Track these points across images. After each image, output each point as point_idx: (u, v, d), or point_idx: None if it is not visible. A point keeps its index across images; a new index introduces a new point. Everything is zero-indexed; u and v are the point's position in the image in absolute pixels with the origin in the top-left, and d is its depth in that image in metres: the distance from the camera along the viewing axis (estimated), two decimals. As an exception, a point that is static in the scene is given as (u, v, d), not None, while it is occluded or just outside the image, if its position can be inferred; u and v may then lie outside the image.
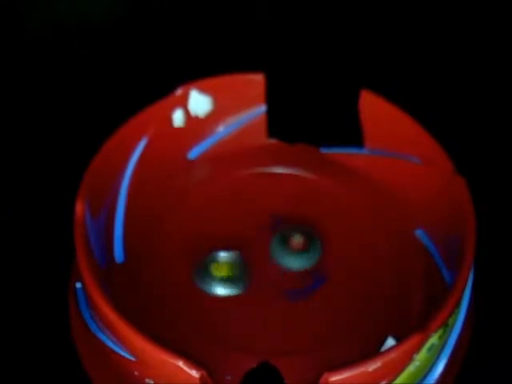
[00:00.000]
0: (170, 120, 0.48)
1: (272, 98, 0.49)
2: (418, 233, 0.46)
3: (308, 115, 0.50)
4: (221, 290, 0.44)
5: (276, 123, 0.50)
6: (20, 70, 0.58)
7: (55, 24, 0.60)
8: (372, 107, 0.47)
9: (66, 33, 0.60)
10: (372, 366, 0.35)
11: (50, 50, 0.59)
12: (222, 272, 0.44)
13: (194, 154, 0.50)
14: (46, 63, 0.58)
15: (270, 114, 0.49)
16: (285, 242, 0.45)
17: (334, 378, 0.35)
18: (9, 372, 0.43)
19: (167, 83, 0.48)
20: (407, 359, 0.36)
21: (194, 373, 0.35)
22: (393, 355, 0.36)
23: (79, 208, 0.41)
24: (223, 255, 0.44)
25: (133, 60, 0.58)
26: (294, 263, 0.45)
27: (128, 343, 0.37)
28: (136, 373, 0.38)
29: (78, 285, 0.42)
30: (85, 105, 0.55)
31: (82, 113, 0.54)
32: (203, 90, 0.48)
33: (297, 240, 0.45)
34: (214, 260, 0.44)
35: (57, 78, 0.57)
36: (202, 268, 0.44)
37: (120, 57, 0.59)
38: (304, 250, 0.45)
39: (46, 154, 0.52)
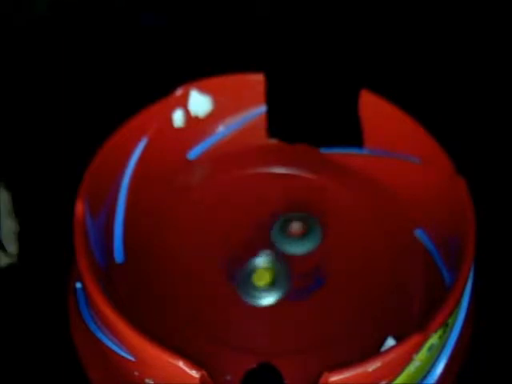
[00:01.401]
0: (170, 120, 0.48)
1: (272, 97, 0.49)
2: (418, 232, 0.46)
3: (308, 115, 0.50)
4: (266, 300, 0.44)
5: (276, 123, 0.50)
6: (20, 69, 0.58)
7: (56, 22, 0.60)
8: (372, 107, 0.47)
9: (67, 32, 0.60)
10: (372, 366, 0.35)
11: (51, 49, 0.59)
12: (263, 280, 0.44)
13: (193, 154, 0.50)
14: (46, 63, 0.58)
15: (270, 114, 0.49)
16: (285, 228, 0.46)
17: (334, 378, 0.35)
18: (9, 372, 0.43)
19: (167, 83, 0.48)
20: (407, 359, 0.36)
21: (194, 373, 0.35)
22: (393, 355, 0.36)
23: (79, 208, 0.41)
24: (263, 260, 0.45)
25: (133, 60, 0.58)
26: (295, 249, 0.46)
27: (128, 343, 0.37)
28: (136, 373, 0.38)
29: (78, 285, 0.42)
30: (85, 105, 0.55)
31: (82, 113, 0.55)
32: (203, 90, 0.48)
33: (296, 226, 0.46)
34: (255, 268, 0.45)
35: (57, 77, 0.57)
36: (244, 279, 0.44)
37: (121, 57, 0.59)
38: (303, 235, 0.46)
39: (47, 154, 0.52)
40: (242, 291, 0.44)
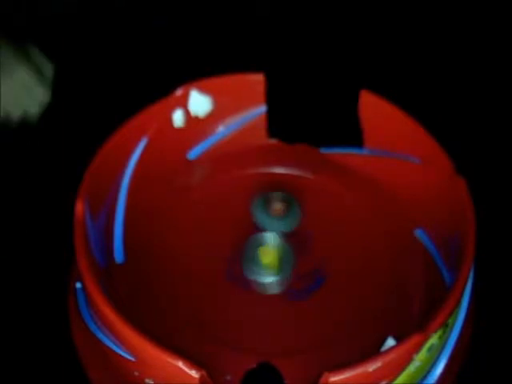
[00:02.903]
0: (170, 120, 0.48)
1: (272, 98, 0.49)
2: (418, 232, 0.46)
3: (308, 115, 0.50)
4: (267, 278, 0.44)
5: (276, 123, 0.50)
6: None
7: (57, 22, 0.60)
8: (372, 107, 0.47)
9: (67, 33, 0.60)
10: (372, 366, 0.35)
11: (51, 49, 0.59)
12: (268, 258, 0.44)
13: (193, 154, 0.50)
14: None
15: (270, 114, 0.49)
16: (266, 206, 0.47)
17: (334, 378, 0.35)
18: (9, 372, 0.43)
19: (167, 83, 0.48)
20: (407, 359, 0.36)
21: (194, 373, 0.35)
22: (393, 355, 0.36)
23: (79, 208, 0.41)
24: (269, 237, 0.45)
25: (133, 60, 0.58)
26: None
27: (128, 343, 0.37)
28: (136, 373, 0.38)
29: (78, 285, 0.42)
30: (85, 105, 0.55)
31: (82, 113, 0.54)
32: (203, 90, 0.48)
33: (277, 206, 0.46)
34: (260, 244, 0.45)
35: (57, 77, 0.57)
36: (249, 255, 0.45)
37: (121, 57, 0.59)
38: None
39: (47, 154, 0.52)
40: (247, 266, 0.44)
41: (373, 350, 0.38)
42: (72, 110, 0.55)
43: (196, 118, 0.49)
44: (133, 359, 0.37)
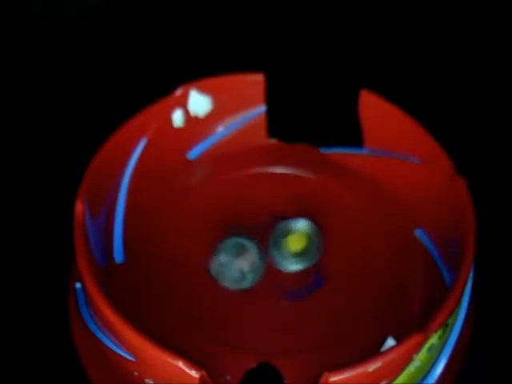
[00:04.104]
0: (170, 120, 0.48)
1: (272, 98, 0.49)
2: (418, 233, 0.46)
3: (308, 115, 0.50)
4: (296, 266, 0.44)
5: (276, 123, 0.50)
6: (20, 70, 0.58)
7: (55, 22, 0.60)
8: (372, 107, 0.47)
9: (68, 33, 0.60)
10: (372, 366, 0.35)
11: (50, 49, 0.59)
12: (297, 245, 0.45)
13: (193, 154, 0.50)
14: (46, 63, 0.58)
15: (270, 114, 0.49)
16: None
17: (334, 378, 0.35)
18: (9, 372, 0.43)
19: (167, 83, 0.48)
20: (407, 359, 0.36)
21: (194, 373, 0.35)
22: (393, 355, 0.36)
23: (79, 208, 0.41)
24: (298, 225, 0.45)
25: (133, 60, 0.58)
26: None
27: (128, 343, 0.37)
28: (136, 373, 0.38)
29: (78, 285, 0.42)
30: (85, 105, 0.55)
31: (82, 113, 0.54)
32: (203, 90, 0.48)
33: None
34: (289, 232, 0.45)
35: (57, 78, 0.57)
36: (277, 242, 0.45)
37: (120, 57, 0.59)
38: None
39: (47, 153, 0.52)
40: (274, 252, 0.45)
41: (373, 350, 0.38)
42: (72, 110, 0.55)
43: (196, 117, 0.49)
44: (133, 359, 0.37)
